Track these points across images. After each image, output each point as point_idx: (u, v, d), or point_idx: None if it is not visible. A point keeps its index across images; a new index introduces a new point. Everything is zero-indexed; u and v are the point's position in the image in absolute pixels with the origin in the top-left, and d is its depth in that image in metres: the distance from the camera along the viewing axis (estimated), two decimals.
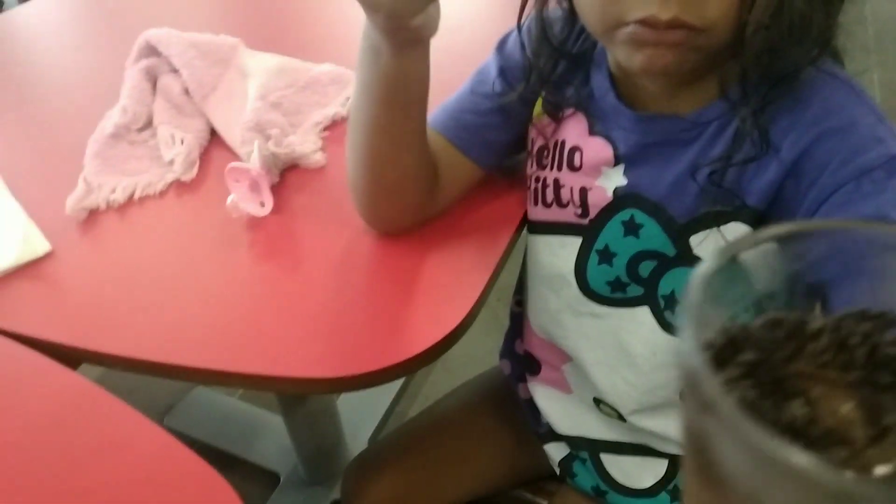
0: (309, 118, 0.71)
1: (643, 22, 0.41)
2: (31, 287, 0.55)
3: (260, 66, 0.74)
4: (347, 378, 0.48)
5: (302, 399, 1.03)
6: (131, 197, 0.63)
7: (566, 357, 0.59)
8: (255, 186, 0.60)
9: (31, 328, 0.51)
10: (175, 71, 0.74)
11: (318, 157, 0.66)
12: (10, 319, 0.51)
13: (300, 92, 0.73)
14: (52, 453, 0.43)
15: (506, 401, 0.75)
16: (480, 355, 0.83)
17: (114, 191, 0.63)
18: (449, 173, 0.57)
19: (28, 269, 0.56)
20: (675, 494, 0.60)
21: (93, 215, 0.62)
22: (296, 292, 0.54)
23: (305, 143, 0.66)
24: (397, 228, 0.57)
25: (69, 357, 0.49)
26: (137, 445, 0.43)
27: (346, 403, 1.22)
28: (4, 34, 0.99)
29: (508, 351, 0.73)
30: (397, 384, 1.32)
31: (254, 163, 0.61)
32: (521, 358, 0.69)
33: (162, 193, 0.64)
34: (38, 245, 0.57)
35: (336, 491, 1.11)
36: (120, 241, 0.60)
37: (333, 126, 0.72)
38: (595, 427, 0.62)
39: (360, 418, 1.24)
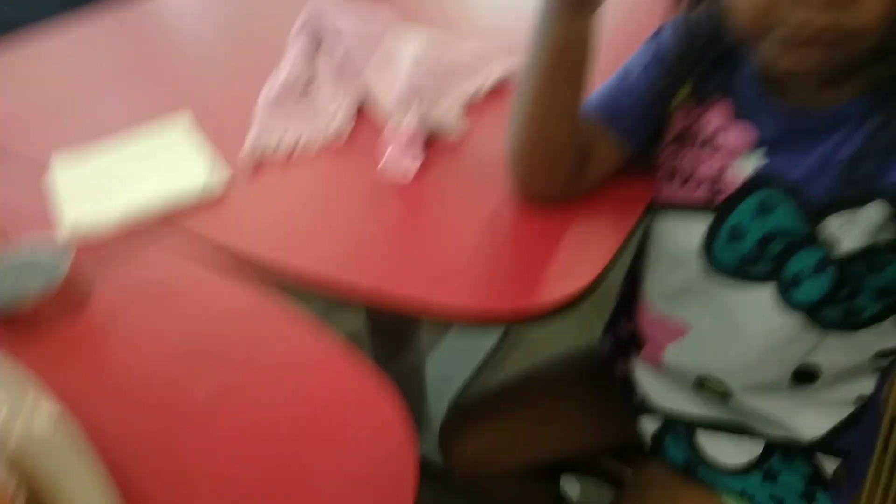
0: (454, 90, 0.77)
1: (797, 26, 0.44)
2: (213, 209, 0.64)
3: (413, 38, 0.81)
4: (489, 312, 0.54)
5: (395, 357, 1.10)
6: (295, 146, 0.71)
7: (680, 332, 0.63)
8: (408, 145, 0.67)
9: (213, 238, 0.60)
10: (337, 38, 0.82)
11: (463, 126, 0.72)
12: (196, 230, 0.61)
13: (447, 65, 0.80)
14: (231, 353, 0.51)
15: (599, 374, 0.79)
16: (562, 342, 0.88)
17: (280, 140, 0.72)
18: (600, 152, 0.62)
19: (211, 196, 0.65)
20: (769, 475, 0.63)
21: (263, 159, 0.70)
22: (441, 239, 0.60)
23: (452, 112, 0.73)
24: (546, 199, 0.62)
25: (240, 266, 0.57)
26: (309, 347, 0.50)
27: (433, 368, 1.29)
28: (191, 3, 1.11)
29: (611, 328, 0.77)
30: (481, 357, 1.38)
31: (408, 124, 0.67)
32: (624, 335, 0.73)
33: (322, 145, 0.72)
34: (222, 175, 0.66)
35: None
36: (284, 181, 0.68)
37: (476, 99, 0.78)
38: (694, 405, 0.65)
39: (444, 383, 1.30)
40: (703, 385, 0.63)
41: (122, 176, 0.66)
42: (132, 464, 0.40)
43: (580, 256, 0.59)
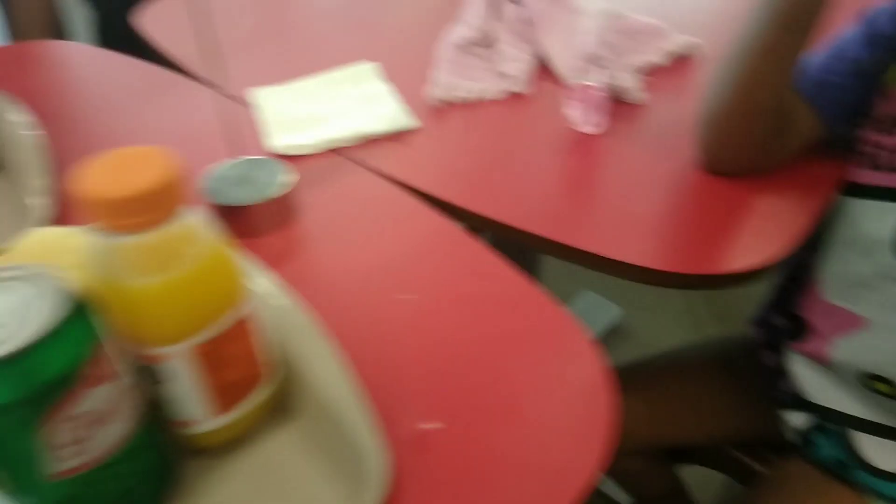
0: (628, 61, 0.77)
1: None
2: (400, 150, 0.68)
3: (590, 8, 0.82)
4: (668, 274, 0.54)
5: None
6: (476, 96, 0.74)
7: (854, 325, 0.61)
8: (588, 107, 0.68)
9: (399, 177, 0.63)
10: (516, 2, 0.84)
11: (641, 95, 0.73)
12: (386, 167, 0.65)
13: (621, 36, 0.80)
14: (430, 276, 0.53)
15: (743, 365, 0.78)
16: (670, 339, 0.87)
17: (460, 90, 0.75)
18: (797, 127, 0.61)
19: (399, 136, 0.69)
20: None
21: (445, 107, 0.74)
22: (620, 198, 0.61)
23: (631, 78, 0.73)
24: (733, 172, 0.62)
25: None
26: (492, 274, 0.52)
27: None
28: None
29: (763, 319, 0.76)
30: None
31: (592, 86, 0.68)
32: (779, 326, 0.71)
33: (499, 102, 0.74)
34: (410, 120, 0.70)
35: None
36: (465, 129, 0.71)
37: (654, 69, 0.78)
38: (854, 404, 0.63)
39: None
40: (873, 383, 0.61)
41: (320, 110, 0.71)
42: (350, 357, 0.44)
43: (764, 230, 0.58)
